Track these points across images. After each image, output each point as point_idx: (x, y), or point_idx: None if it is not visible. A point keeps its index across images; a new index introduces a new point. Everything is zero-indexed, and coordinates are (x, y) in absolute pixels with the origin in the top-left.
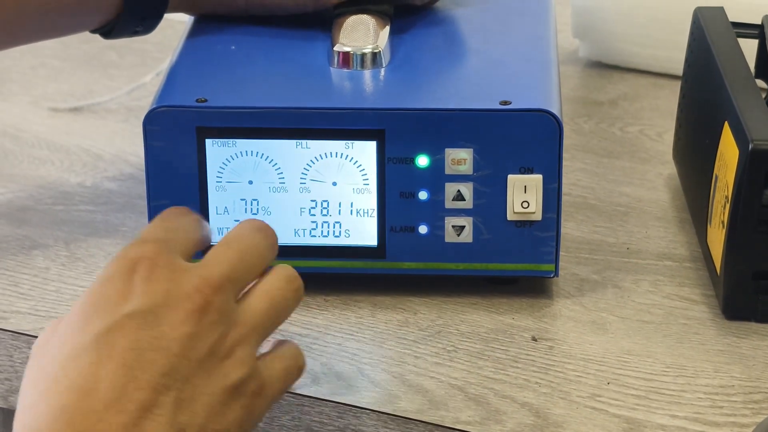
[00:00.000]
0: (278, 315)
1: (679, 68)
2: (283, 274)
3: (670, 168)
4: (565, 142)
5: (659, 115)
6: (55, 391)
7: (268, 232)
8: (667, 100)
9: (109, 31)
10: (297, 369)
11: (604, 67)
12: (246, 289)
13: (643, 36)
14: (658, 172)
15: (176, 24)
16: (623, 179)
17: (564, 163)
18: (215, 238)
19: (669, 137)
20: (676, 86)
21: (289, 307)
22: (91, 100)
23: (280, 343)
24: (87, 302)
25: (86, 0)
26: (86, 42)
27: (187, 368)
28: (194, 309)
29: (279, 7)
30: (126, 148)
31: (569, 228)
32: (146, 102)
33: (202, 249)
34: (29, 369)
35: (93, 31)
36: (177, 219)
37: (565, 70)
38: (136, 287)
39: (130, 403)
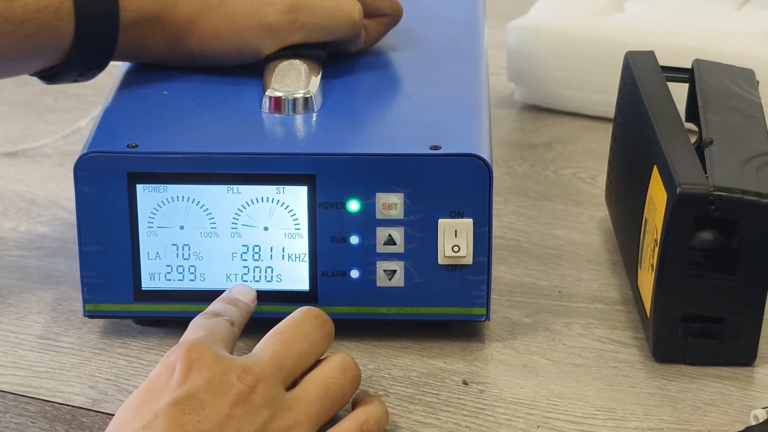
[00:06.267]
0: (333, 403)
1: (613, 111)
2: (339, 362)
3: (603, 211)
4: (499, 185)
5: (593, 157)
6: None
7: (321, 320)
8: (601, 143)
9: (51, 76)
10: None
11: (539, 110)
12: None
13: (578, 80)
14: (591, 215)
15: (112, 69)
16: (556, 222)
17: (497, 206)
18: (148, 284)
19: (602, 180)
20: (610, 129)
21: (345, 395)
22: (26, 145)
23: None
24: (134, 399)
25: (35, 51)
26: (22, 86)
27: None
28: (237, 394)
29: (224, 60)
30: (60, 193)
31: (502, 271)
32: (82, 146)
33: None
34: None
35: (33, 74)
36: (209, 321)
37: (500, 113)
38: (178, 378)
39: None
